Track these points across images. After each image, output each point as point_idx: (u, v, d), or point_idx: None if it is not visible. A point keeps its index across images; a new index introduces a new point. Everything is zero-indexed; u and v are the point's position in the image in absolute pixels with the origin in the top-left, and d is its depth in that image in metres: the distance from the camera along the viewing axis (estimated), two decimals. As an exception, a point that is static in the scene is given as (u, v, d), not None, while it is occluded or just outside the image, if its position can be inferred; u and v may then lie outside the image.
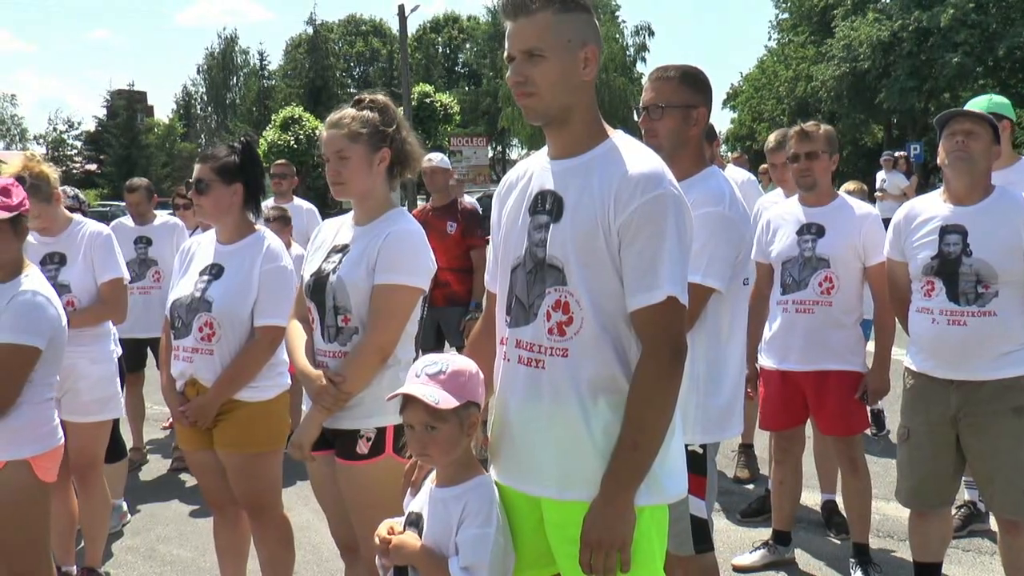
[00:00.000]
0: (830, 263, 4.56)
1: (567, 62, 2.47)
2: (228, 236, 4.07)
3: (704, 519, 3.41)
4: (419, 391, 2.51)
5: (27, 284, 3.63)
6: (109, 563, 5.35)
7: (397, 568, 2.64)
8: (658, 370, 2.41)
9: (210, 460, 4.08)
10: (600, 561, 2.38)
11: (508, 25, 2.50)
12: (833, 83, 40.83)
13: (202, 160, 4.04)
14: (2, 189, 3.64)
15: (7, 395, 3.55)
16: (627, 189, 2.41)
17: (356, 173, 3.43)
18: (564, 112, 2.52)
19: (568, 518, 2.47)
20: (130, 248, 7.28)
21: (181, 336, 3.98)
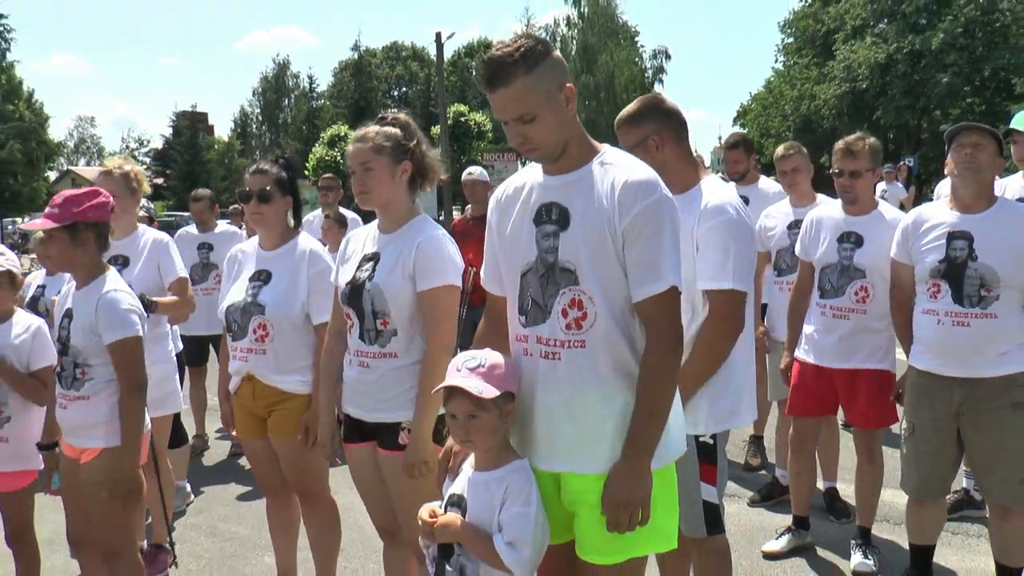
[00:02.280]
0: (866, 274, 4.50)
1: (554, 111, 2.53)
2: (273, 243, 4.09)
3: (716, 504, 3.39)
4: (462, 383, 2.55)
5: (104, 285, 3.70)
6: (174, 538, 5.37)
7: (441, 546, 2.65)
8: (665, 350, 2.52)
9: (263, 447, 4.10)
10: (625, 518, 2.48)
11: (490, 96, 2.55)
12: (834, 101, 40.77)
13: (260, 173, 4.05)
14: (64, 200, 3.68)
15: (140, 380, 3.64)
16: (628, 196, 2.49)
17: (380, 183, 3.44)
18: (564, 147, 2.59)
19: (587, 487, 2.56)
20: (194, 253, 7.35)
21: (238, 338, 4.00)
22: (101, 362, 3.64)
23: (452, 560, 2.62)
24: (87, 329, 3.62)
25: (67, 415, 3.70)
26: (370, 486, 3.61)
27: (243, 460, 7.14)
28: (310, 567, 4.35)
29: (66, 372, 3.68)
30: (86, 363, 3.65)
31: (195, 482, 6.46)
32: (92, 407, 3.64)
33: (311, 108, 66.14)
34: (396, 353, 3.39)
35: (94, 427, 3.65)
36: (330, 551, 4.24)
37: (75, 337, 3.65)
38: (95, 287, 3.69)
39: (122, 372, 3.62)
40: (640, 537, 2.56)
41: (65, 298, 3.83)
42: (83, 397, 3.65)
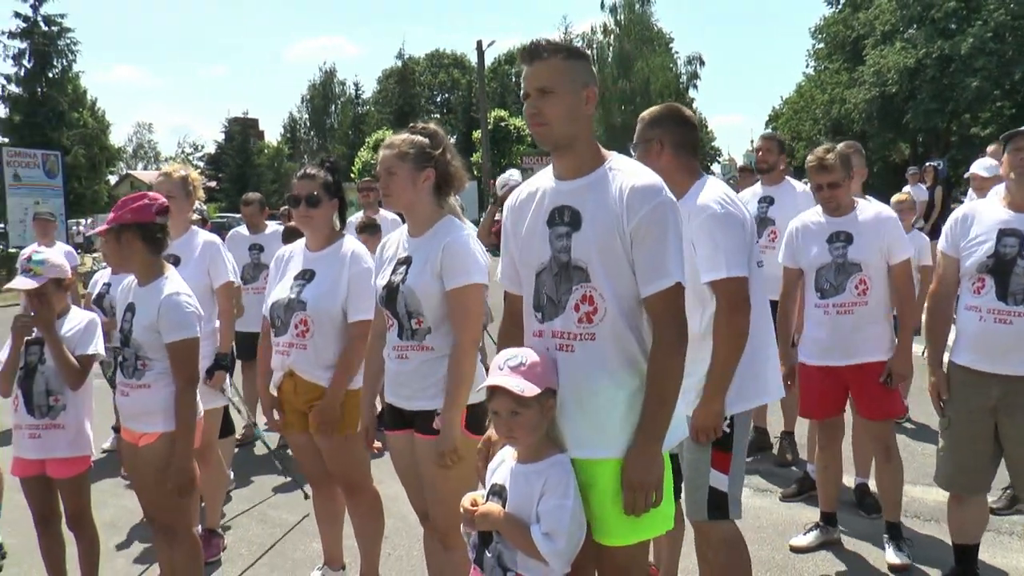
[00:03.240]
0: (862, 267, 4.51)
1: (573, 98, 2.64)
2: (319, 244, 4.14)
3: (723, 492, 3.38)
4: (505, 382, 2.56)
5: (167, 286, 3.77)
6: (226, 524, 5.46)
7: (481, 534, 2.67)
8: (671, 342, 2.60)
9: (307, 442, 4.15)
10: (641, 500, 2.57)
11: (524, 68, 2.68)
12: (864, 105, 40.21)
13: (307, 178, 4.10)
14: (119, 203, 3.80)
15: (195, 376, 3.76)
16: (636, 199, 2.58)
17: (401, 188, 3.49)
18: (569, 140, 2.67)
19: (599, 472, 2.63)
20: (245, 254, 7.43)
21: (280, 333, 4.05)
22: (160, 356, 3.74)
23: (491, 547, 2.64)
24: (148, 327, 3.72)
25: (128, 402, 3.79)
26: (410, 472, 3.64)
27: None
28: (356, 553, 4.38)
29: (128, 362, 3.78)
30: (146, 356, 3.74)
31: (246, 471, 6.55)
32: (152, 395, 3.74)
33: (357, 114, 66.49)
34: (432, 347, 3.45)
35: (154, 413, 3.74)
36: (373, 539, 4.28)
37: (136, 332, 3.74)
38: (156, 286, 3.78)
39: (179, 369, 3.72)
40: (650, 520, 2.65)
41: (127, 293, 3.90)
42: (144, 385, 3.74)
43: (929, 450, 5.93)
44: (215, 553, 5.01)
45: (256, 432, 6.53)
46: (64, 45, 42.36)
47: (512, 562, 2.59)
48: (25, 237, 22.16)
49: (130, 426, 3.85)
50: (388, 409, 3.63)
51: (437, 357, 3.44)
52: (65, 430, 4.02)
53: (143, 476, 3.83)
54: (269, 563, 4.96)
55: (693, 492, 3.41)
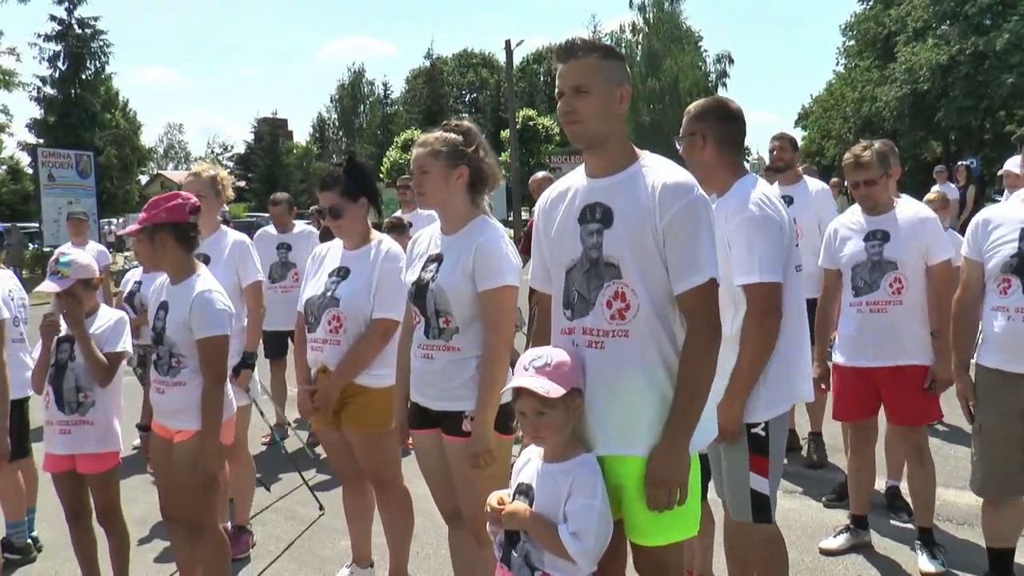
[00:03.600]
0: (898, 265, 4.45)
1: (606, 97, 2.66)
2: (354, 244, 4.16)
3: (764, 494, 3.36)
4: (530, 383, 2.56)
5: (199, 284, 3.82)
6: (255, 520, 5.50)
7: (507, 533, 2.67)
8: (704, 338, 2.60)
9: (339, 438, 4.18)
10: (664, 496, 2.56)
11: (559, 67, 2.70)
12: (895, 103, 39.82)
13: (326, 188, 4.10)
14: (150, 203, 3.85)
15: (223, 374, 3.82)
16: (668, 196, 2.58)
17: (434, 186, 3.48)
18: (602, 138, 2.69)
19: (629, 470, 2.63)
20: (273, 253, 7.49)
21: (313, 329, 4.08)
22: (193, 353, 3.80)
23: (518, 547, 2.64)
24: (181, 324, 3.77)
25: (164, 399, 3.84)
26: (435, 471, 3.65)
27: (320, 448, 7.25)
28: (385, 551, 4.40)
29: (162, 360, 3.83)
30: (180, 353, 3.80)
31: (275, 468, 6.59)
32: (188, 392, 3.79)
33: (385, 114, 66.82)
34: (459, 347, 3.44)
35: (189, 410, 3.79)
36: (403, 536, 4.30)
37: (170, 329, 3.80)
38: (189, 284, 3.84)
39: (207, 366, 3.77)
40: (681, 520, 2.64)
41: (160, 291, 3.96)
42: (180, 383, 3.80)
43: (962, 452, 5.87)
44: (244, 549, 5.05)
45: (275, 439, 6.57)
46: (97, 47, 42.88)
47: (540, 561, 2.59)
48: (59, 236, 22.48)
49: (165, 422, 3.90)
50: (414, 408, 3.64)
51: (463, 358, 3.43)
52: (94, 426, 4.06)
53: (175, 472, 3.87)
54: (298, 559, 4.99)
55: (735, 495, 3.40)
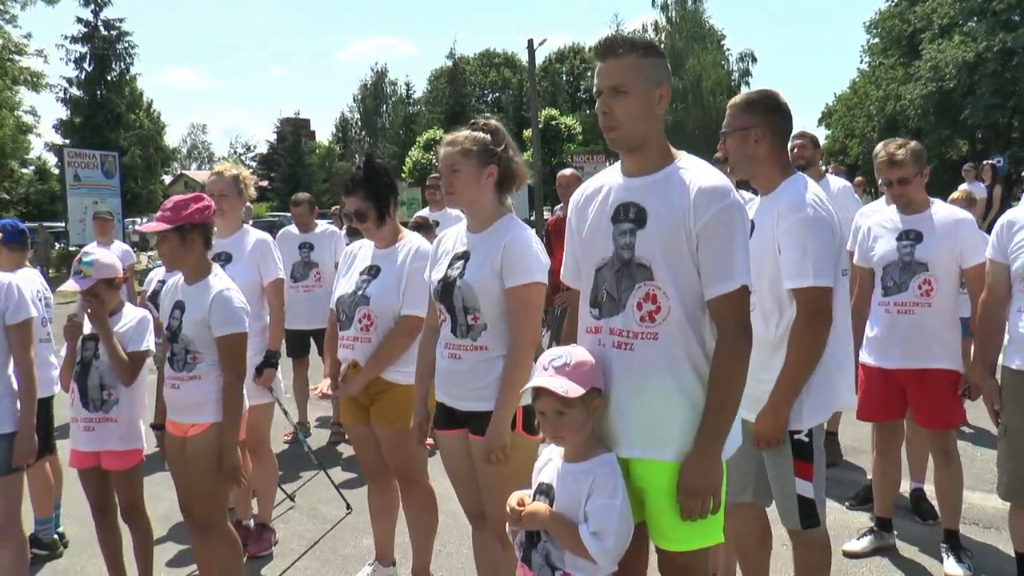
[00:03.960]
0: (928, 267, 4.40)
1: (645, 98, 2.62)
2: (384, 241, 4.20)
3: (811, 499, 3.34)
4: (549, 383, 2.56)
5: (216, 283, 3.89)
6: (277, 518, 5.54)
7: (527, 533, 2.68)
8: (736, 346, 2.56)
9: (367, 433, 4.22)
10: (698, 506, 2.53)
11: (598, 64, 2.66)
12: (920, 101, 39.38)
13: (349, 192, 4.18)
14: (174, 204, 3.90)
15: (243, 370, 3.91)
16: (703, 199, 2.55)
17: (465, 185, 3.48)
18: (641, 140, 2.65)
19: (655, 474, 2.61)
20: (295, 252, 7.53)
21: (345, 327, 4.13)
22: (210, 350, 3.86)
23: (538, 546, 2.64)
24: (199, 322, 3.83)
25: (178, 394, 3.89)
26: (460, 471, 3.66)
27: (343, 447, 7.29)
28: (405, 550, 4.42)
29: (178, 356, 3.88)
30: (196, 350, 3.86)
31: (297, 467, 6.64)
32: (203, 386, 3.85)
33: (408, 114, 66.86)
34: (487, 346, 3.43)
35: (205, 404, 3.85)
36: (427, 534, 4.33)
37: (186, 327, 3.85)
38: (205, 284, 3.90)
39: (227, 363, 3.84)
40: (708, 527, 2.61)
41: (174, 291, 4.01)
42: (195, 377, 3.86)
43: (988, 455, 5.81)
44: (267, 547, 5.10)
45: (298, 437, 6.60)
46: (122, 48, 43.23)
47: (560, 561, 2.59)
48: (85, 236, 22.77)
49: (179, 418, 3.95)
50: (439, 408, 3.64)
51: (491, 357, 3.42)
52: (118, 424, 4.11)
53: (189, 467, 3.92)
54: (320, 558, 5.02)
55: (783, 502, 3.37)
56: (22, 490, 4.10)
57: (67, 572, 4.98)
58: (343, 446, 7.32)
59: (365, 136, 71.28)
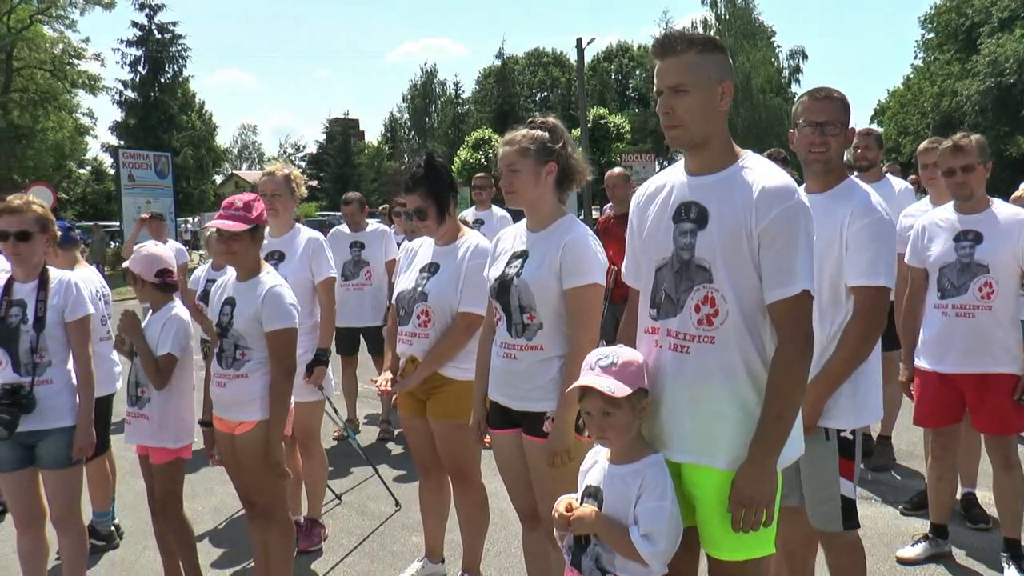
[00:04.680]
0: (989, 269, 4.27)
1: (707, 96, 2.55)
2: (444, 239, 4.24)
3: (852, 499, 3.31)
4: (595, 382, 2.55)
5: (268, 280, 3.96)
6: (326, 514, 5.60)
7: (576, 536, 2.66)
8: (796, 353, 2.49)
9: (423, 426, 4.25)
10: (750, 517, 2.48)
11: (657, 64, 2.60)
12: (978, 97, 38.61)
13: (409, 190, 4.22)
14: (245, 204, 3.96)
15: (292, 366, 3.97)
16: (766, 200, 2.48)
17: (525, 184, 3.47)
18: (704, 139, 2.59)
19: (706, 481, 2.57)
20: (346, 251, 7.60)
21: (404, 323, 4.19)
22: (259, 345, 3.92)
23: (588, 550, 2.63)
24: (251, 317, 3.89)
25: (226, 392, 3.96)
26: (513, 471, 3.66)
27: (391, 444, 7.36)
28: (453, 547, 4.45)
29: (227, 353, 3.95)
30: (246, 346, 3.92)
31: (346, 463, 6.71)
32: (251, 384, 3.91)
33: (456, 113, 67.01)
34: (542, 346, 3.43)
35: (252, 402, 3.91)
36: (478, 531, 4.35)
37: (237, 323, 3.92)
38: (257, 280, 3.98)
39: (276, 358, 3.90)
40: (759, 538, 2.55)
41: (224, 288, 4.10)
42: (243, 375, 3.92)
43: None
44: (316, 542, 5.16)
45: (349, 434, 6.67)
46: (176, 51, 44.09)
47: (611, 564, 2.58)
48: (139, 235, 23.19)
49: (226, 415, 4.02)
50: (493, 407, 3.65)
51: (547, 358, 3.42)
52: (149, 421, 4.23)
53: (241, 464, 4.00)
54: (369, 554, 5.07)
55: (823, 503, 3.31)
56: (81, 482, 4.21)
57: (123, 562, 5.09)
58: (391, 443, 7.39)
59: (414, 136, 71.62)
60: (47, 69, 38.69)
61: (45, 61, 38.64)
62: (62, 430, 3.98)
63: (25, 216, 4.00)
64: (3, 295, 4.02)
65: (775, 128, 45.29)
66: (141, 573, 4.91)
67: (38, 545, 4.12)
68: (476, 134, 42.95)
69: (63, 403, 4.01)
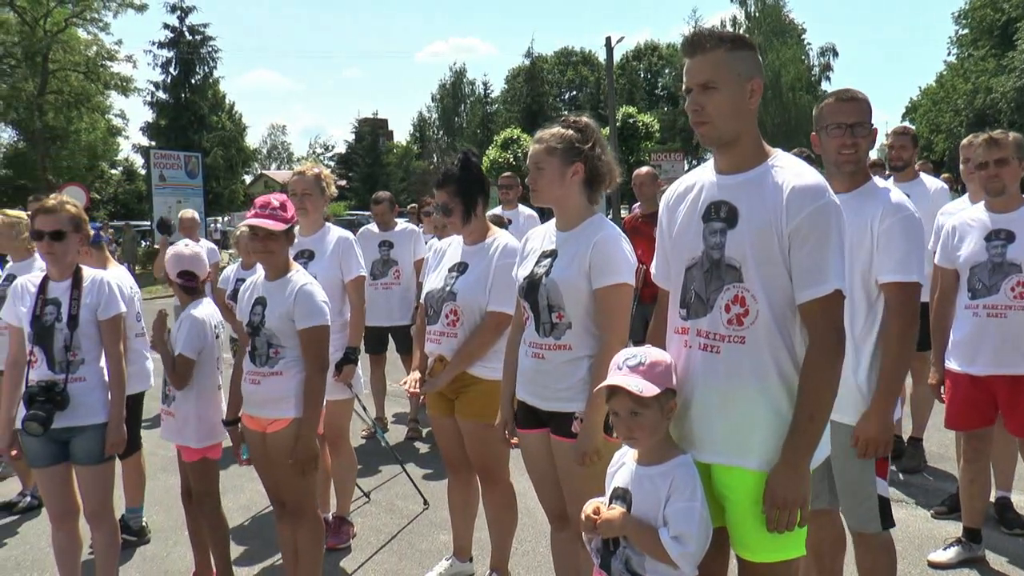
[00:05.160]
0: (1022, 268, 4.23)
1: (736, 93, 2.55)
2: (473, 238, 4.26)
3: (887, 498, 3.29)
4: (623, 381, 2.55)
5: (298, 278, 4.00)
6: (355, 513, 5.63)
7: (604, 539, 2.66)
8: (827, 353, 2.48)
9: (452, 426, 4.27)
10: (784, 518, 2.47)
11: (686, 62, 2.61)
12: (1014, 94, 38.01)
13: (440, 185, 4.25)
14: (281, 204, 4.00)
15: (325, 363, 4.00)
16: (797, 199, 2.47)
17: (549, 183, 3.47)
18: (733, 136, 2.59)
19: (736, 482, 2.57)
20: (375, 250, 7.65)
21: (432, 322, 4.21)
22: (292, 343, 3.95)
23: (617, 553, 2.63)
24: (283, 316, 3.93)
25: (259, 390, 3.99)
26: (542, 471, 3.66)
27: (419, 443, 7.39)
28: (481, 546, 4.46)
29: (260, 351, 3.99)
30: (279, 344, 3.95)
31: (374, 462, 6.75)
32: (284, 382, 3.95)
33: (485, 113, 67.08)
34: (570, 345, 3.42)
35: (285, 400, 3.95)
36: (506, 531, 4.37)
37: (269, 321, 3.96)
38: (287, 280, 4.01)
39: (310, 355, 3.93)
40: (791, 539, 2.54)
41: (254, 288, 4.14)
42: (277, 373, 3.95)
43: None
44: (345, 540, 5.19)
45: (377, 432, 6.71)
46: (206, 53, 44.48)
47: (640, 566, 2.58)
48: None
49: (257, 413, 4.05)
50: (521, 407, 3.66)
51: (575, 358, 3.41)
52: (175, 419, 4.37)
53: (272, 462, 4.04)
54: (397, 552, 5.10)
55: (860, 504, 3.30)
56: (114, 479, 4.27)
57: (154, 557, 5.16)
58: (419, 442, 7.42)
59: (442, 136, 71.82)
60: (81, 71, 39.19)
61: (79, 63, 39.14)
62: (95, 427, 4.04)
63: (59, 216, 4.07)
64: (38, 294, 4.10)
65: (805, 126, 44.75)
66: (172, 568, 4.97)
67: (72, 540, 4.20)
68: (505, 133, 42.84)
69: (96, 400, 4.07)
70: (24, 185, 39.22)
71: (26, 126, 39.40)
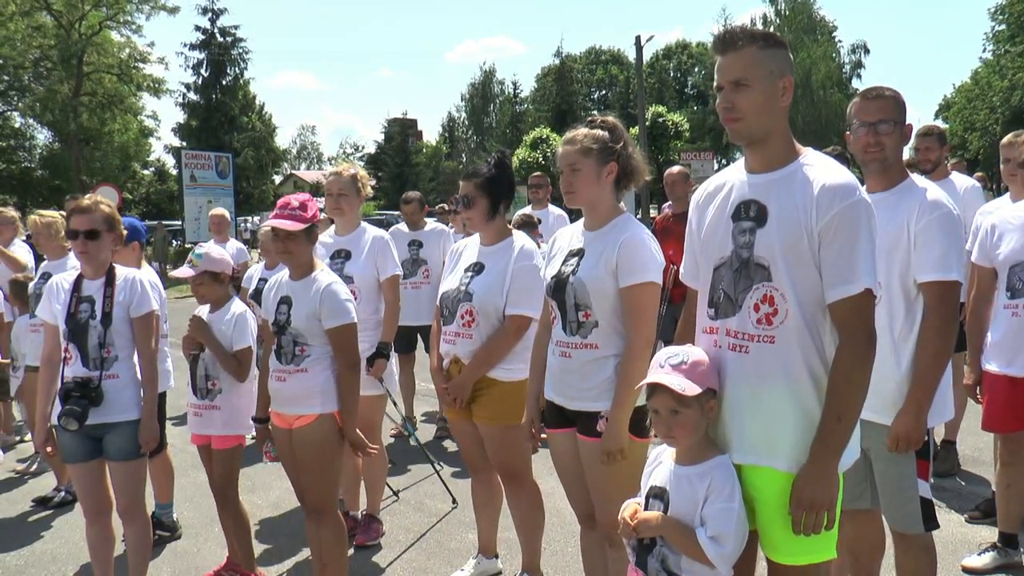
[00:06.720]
0: None
1: (768, 91, 2.54)
2: (490, 239, 4.25)
3: (930, 500, 3.27)
4: (666, 379, 2.54)
5: (323, 278, 4.04)
6: (384, 511, 5.65)
7: (639, 540, 2.66)
8: (857, 353, 2.45)
9: (470, 428, 4.28)
10: (811, 520, 2.45)
11: (717, 59, 2.60)
12: (1053, 92, 37.43)
13: (466, 178, 4.27)
14: (301, 204, 4.03)
15: (356, 360, 4.04)
16: (826, 197, 2.45)
17: (585, 184, 3.46)
18: (764, 134, 2.58)
19: (766, 482, 2.55)
20: (404, 250, 7.68)
21: (448, 323, 4.21)
22: (319, 341, 4.00)
23: (654, 552, 2.62)
24: (309, 315, 3.97)
25: (286, 387, 4.03)
26: (570, 470, 3.66)
27: (448, 442, 7.41)
28: (510, 545, 4.46)
29: (286, 349, 4.03)
30: (305, 342, 4.00)
31: (404, 460, 6.78)
32: (310, 378, 3.98)
33: (515, 112, 67.09)
34: (597, 344, 3.42)
35: (311, 396, 3.98)
36: (534, 531, 4.36)
37: (295, 321, 4.00)
38: (312, 279, 4.05)
39: (341, 353, 3.97)
40: (820, 542, 2.52)
41: (278, 287, 4.17)
42: (302, 370, 3.99)
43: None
44: (374, 537, 5.22)
45: (407, 428, 6.73)
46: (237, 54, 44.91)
47: (677, 566, 2.57)
48: (199, 234, 23.86)
49: (285, 410, 4.09)
50: (549, 406, 3.65)
51: (602, 357, 3.41)
52: (221, 411, 4.50)
53: (297, 458, 4.08)
54: (426, 550, 5.12)
55: (903, 506, 3.27)
56: (145, 474, 4.34)
57: (185, 553, 5.22)
58: (448, 441, 7.44)
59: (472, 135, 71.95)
60: (114, 73, 39.66)
61: (112, 65, 39.61)
62: (127, 423, 4.10)
63: (93, 215, 4.14)
64: (73, 292, 4.16)
65: (836, 125, 44.64)
66: (202, 563, 5.02)
67: (106, 535, 4.27)
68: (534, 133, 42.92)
69: (129, 397, 4.12)
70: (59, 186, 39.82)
71: (61, 128, 39.94)
